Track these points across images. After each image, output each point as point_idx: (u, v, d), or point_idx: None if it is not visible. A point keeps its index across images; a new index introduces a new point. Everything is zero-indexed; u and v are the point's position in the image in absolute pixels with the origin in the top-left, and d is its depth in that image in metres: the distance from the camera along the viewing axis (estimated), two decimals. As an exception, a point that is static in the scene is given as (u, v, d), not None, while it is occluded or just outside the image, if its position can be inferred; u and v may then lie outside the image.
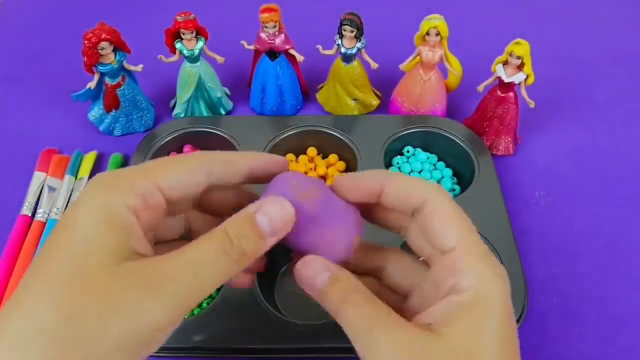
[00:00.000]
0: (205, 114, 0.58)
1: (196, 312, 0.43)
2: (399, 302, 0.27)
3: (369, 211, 0.28)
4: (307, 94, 0.62)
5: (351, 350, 0.23)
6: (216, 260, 0.22)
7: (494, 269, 0.24)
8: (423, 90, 0.56)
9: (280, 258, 0.47)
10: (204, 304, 0.44)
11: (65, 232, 0.22)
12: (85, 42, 0.50)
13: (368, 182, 0.26)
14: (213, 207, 0.28)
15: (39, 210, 0.50)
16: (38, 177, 0.52)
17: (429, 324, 0.23)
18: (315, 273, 0.24)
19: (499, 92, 0.53)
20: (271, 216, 0.24)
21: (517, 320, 0.40)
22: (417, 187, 0.25)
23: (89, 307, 0.20)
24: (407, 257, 0.28)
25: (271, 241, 0.24)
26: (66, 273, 0.20)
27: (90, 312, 0.20)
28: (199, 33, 0.54)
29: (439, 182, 0.53)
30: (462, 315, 0.22)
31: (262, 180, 0.27)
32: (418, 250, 0.27)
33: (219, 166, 0.26)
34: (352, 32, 0.52)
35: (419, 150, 0.55)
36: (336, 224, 0.26)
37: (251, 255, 0.23)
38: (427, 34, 0.52)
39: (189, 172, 0.25)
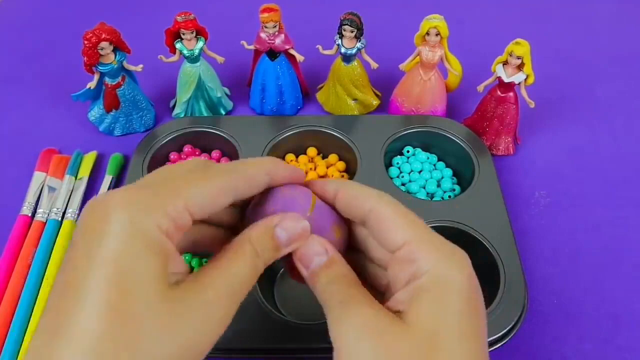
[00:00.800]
0: (205, 114, 0.58)
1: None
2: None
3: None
4: (307, 94, 0.62)
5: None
6: (250, 272, 0.24)
7: (452, 253, 0.25)
8: (423, 90, 0.56)
9: (280, 258, 0.46)
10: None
11: (103, 260, 0.20)
12: (85, 42, 0.50)
13: (326, 188, 0.28)
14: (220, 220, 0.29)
15: (39, 210, 0.50)
16: (38, 177, 0.52)
17: (398, 311, 0.24)
18: (314, 253, 0.26)
19: (499, 92, 0.53)
20: (289, 232, 0.26)
21: (517, 321, 0.40)
22: (360, 195, 0.27)
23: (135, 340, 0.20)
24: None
25: (285, 251, 0.26)
26: (112, 298, 0.20)
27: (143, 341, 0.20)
28: (199, 33, 0.54)
29: (439, 182, 0.53)
30: (422, 297, 0.23)
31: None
32: (379, 262, 0.28)
33: (243, 184, 0.26)
34: (352, 32, 0.52)
35: (419, 150, 0.55)
36: (325, 231, 0.27)
37: (267, 264, 0.26)
38: (427, 34, 0.52)
39: (217, 192, 0.24)
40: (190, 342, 0.21)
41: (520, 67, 0.50)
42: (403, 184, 0.53)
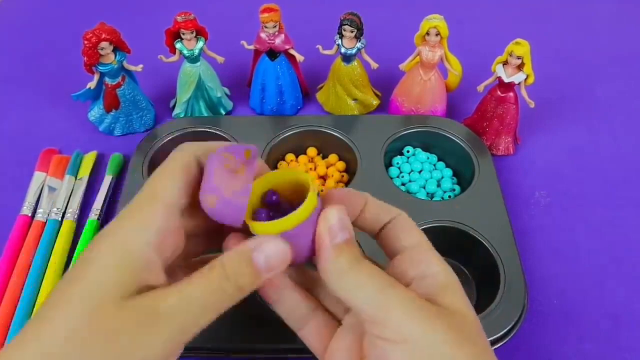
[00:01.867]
0: (205, 114, 0.58)
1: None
2: None
3: None
4: (307, 94, 0.62)
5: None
6: (212, 297, 0.24)
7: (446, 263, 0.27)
8: (423, 90, 0.56)
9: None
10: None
11: (83, 267, 0.23)
12: (85, 42, 0.50)
13: (354, 197, 0.28)
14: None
15: (39, 210, 0.50)
16: (38, 177, 0.52)
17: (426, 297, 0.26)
18: (343, 225, 0.26)
19: (499, 92, 0.53)
20: (268, 255, 0.25)
21: (517, 321, 0.41)
22: (389, 208, 0.29)
23: (94, 344, 0.22)
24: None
25: (267, 276, 0.25)
26: (79, 310, 0.22)
27: (95, 348, 0.22)
28: (199, 33, 0.54)
29: (439, 182, 0.53)
30: (445, 290, 0.26)
31: None
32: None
33: (204, 154, 0.27)
34: (352, 32, 0.52)
35: (419, 150, 0.55)
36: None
37: (247, 290, 0.25)
38: (427, 34, 0.52)
39: (186, 174, 0.26)
40: (131, 358, 0.22)
41: (520, 67, 0.50)
42: (403, 184, 0.53)
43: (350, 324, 0.28)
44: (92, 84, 0.53)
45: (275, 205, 0.27)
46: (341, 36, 0.53)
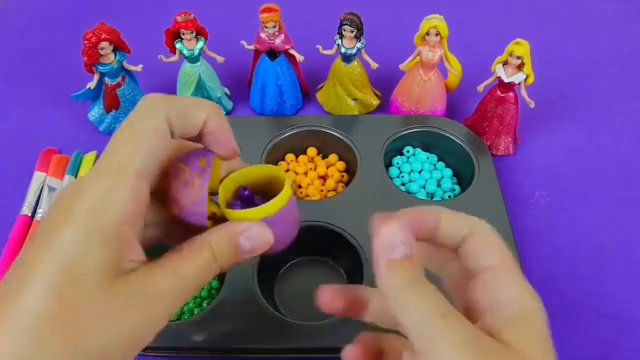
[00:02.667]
0: (205, 114, 0.58)
1: (196, 312, 0.43)
2: None
3: None
4: (307, 94, 0.62)
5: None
6: (203, 276, 0.24)
7: (530, 287, 0.25)
8: (423, 90, 0.56)
9: (280, 258, 0.47)
10: (205, 304, 0.44)
11: (57, 240, 0.21)
12: (85, 42, 0.50)
13: (426, 214, 0.26)
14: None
15: (39, 210, 0.50)
16: (38, 177, 0.52)
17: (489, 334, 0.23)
18: (401, 241, 0.23)
19: (498, 92, 0.53)
20: (254, 241, 0.25)
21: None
22: (465, 218, 0.26)
23: (79, 327, 0.20)
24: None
25: (244, 259, 0.25)
26: (58, 285, 0.20)
27: (79, 328, 0.20)
28: (199, 33, 0.54)
29: (439, 182, 0.53)
30: (514, 324, 0.23)
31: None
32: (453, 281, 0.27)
33: (177, 121, 0.24)
34: (352, 32, 0.52)
35: (419, 150, 0.55)
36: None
37: (225, 269, 0.25)
38: (427, 34, 0.52)
39: (155, 143, 0.24)
40: (126, 336, 0.21)
41: (520, 67, 0.50)
42: (403, 184, 0.53)
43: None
44: (92, 84, 0.53)
45: (249, 199, 0.27)
46: (341, 36, 0.53)
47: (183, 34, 0.53)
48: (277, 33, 0.54)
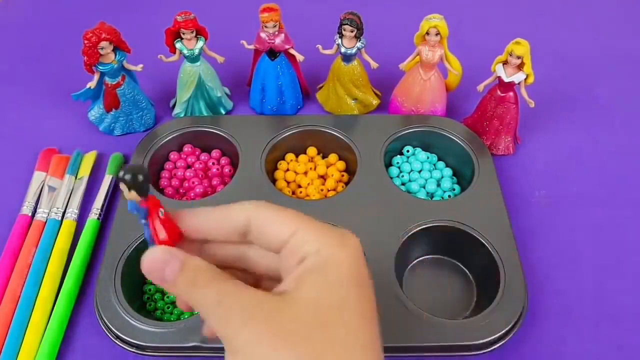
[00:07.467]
0: (205, 113, 0.58)
1: (196, 312, 0.43)
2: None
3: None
4: (307, 94, 0.62)
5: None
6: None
7: (341, 236, 0.25)
8: (423, 90, 0.56)
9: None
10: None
11: None
12: (85, 41, 0.50)
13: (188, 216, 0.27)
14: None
15: (39, 210, 0.50)
16: (38, 176, 0.52)
17: (282, 291, 0.24)
18: (164, 263, 0.24)
19: (498, 92, 0.53)
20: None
21: (517, 320, 0.41)
22: (232, 209, 0.26)
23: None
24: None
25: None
26: None
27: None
28: (199, 33, 0.54)
29: (439, 182, 0.53)
30: (308, 276, 0.23)
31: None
32: (272, 274, 0.27)
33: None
34: (352, 31, 0.52)
35: (419, 150, 0.55)
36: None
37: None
38: (427, 33, 0.52)
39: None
40: None
41: (520, 67, 0.50)
42: (403, 184, 0.53)
43: None
44: (92, 84, 0.53)
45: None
46: (341, 36, 0.53)
47: (183, 33, 0.53)
48: (277, 33, 0.54)
